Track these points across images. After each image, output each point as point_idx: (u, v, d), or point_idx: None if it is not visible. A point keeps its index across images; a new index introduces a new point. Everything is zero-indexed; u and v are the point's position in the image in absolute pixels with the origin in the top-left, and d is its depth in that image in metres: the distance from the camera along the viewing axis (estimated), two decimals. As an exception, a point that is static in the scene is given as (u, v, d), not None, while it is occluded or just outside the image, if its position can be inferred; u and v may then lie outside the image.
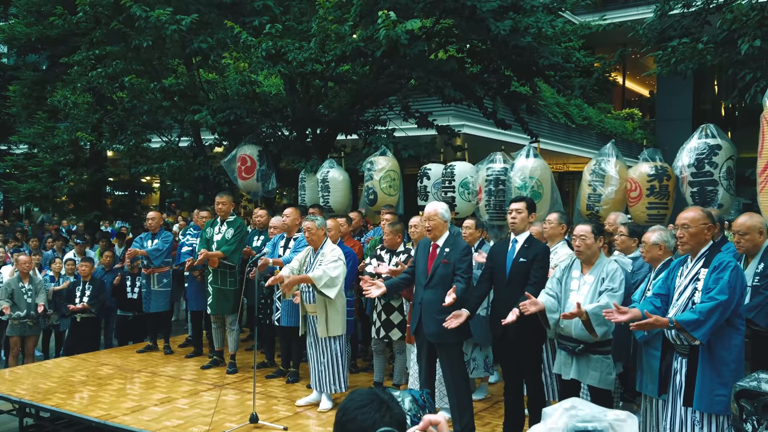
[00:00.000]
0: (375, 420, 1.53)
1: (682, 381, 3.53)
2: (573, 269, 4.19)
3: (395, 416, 1.56)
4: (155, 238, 7.09)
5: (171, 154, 10.25)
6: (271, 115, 9.15)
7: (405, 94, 9.05)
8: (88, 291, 7.29)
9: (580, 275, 4.13)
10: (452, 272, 4.51)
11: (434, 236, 4.64)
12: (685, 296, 3.55)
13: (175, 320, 9.46)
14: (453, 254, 4.55)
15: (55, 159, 12.03)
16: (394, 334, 5.50)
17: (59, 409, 5.23)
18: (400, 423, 1.56)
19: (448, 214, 4.71)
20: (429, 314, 4.56)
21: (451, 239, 4.65)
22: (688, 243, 3.59)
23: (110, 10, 8.62)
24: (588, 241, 4.06)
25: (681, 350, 3.57)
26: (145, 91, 9.39)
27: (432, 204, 4.74)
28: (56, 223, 15.77)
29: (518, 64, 8.55)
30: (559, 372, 4.21)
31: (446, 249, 4.60)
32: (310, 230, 5.23)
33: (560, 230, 5.04)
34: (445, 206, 4.73)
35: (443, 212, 4.65)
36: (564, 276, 4.20)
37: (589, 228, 4.10)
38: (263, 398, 5.39)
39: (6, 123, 14.94)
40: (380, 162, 7.42)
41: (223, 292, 6.35)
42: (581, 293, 4.06)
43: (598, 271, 4.06)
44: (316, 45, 7.24)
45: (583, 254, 4.11)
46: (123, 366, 6.57)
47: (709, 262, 3.50)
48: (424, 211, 4.81)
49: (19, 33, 13.31)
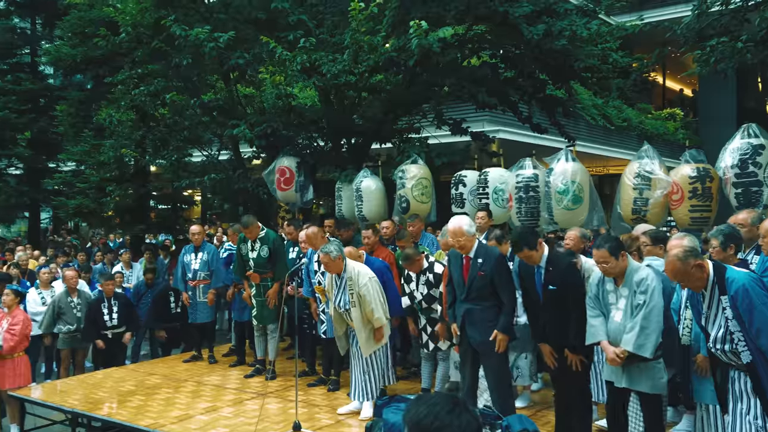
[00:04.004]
0: (470, 421, 1.56)
1: (742, 389, 3.41)
2: (606, 282, 4.06)
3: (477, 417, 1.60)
4: (198, 251, 7.27)
5: (211, 167, 10.48)
6: (307, 126, 9.29)
7: (438, 102, 9.08)
8: (115, 308, 7.40)
9: (615, 288, 4.01)
10: (490, 283, 4.52)
11: (466, 251, 4.65)
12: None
13: (218, 329, 9.67)
14: (488, 265, 4.55)
15: (102, 175, 12.38)
16: (443, 345, 5.53)
17: (110, 418, 5.39)
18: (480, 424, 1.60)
19: (473, 227, 4.67)
20: (472, 325, 4.61)
21: (483, 249, 4.65)
22: None
23: (151, 30, 8.93)
24: (610, 264, 3.90)
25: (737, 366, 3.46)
26: (186, 108, 9.64)
27: (454, 221, 4.68)
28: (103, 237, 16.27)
29: (553, 68, 8.49)
30: (610, 379, 4.11)
31: (479, 260, 4.60)
32: (327, 264, 5.17)
33: (582, 245, 4.98)
34: (467, 220, 4.68)
35: (468, 227, 4.61)
36: (599, 291, 4.09)
37: (606, 252, 3.89)
38: (305, 406, 5.46)
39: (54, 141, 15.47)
40: (412, 170, 7.45)
41: (266, 303, 6.51)
42: (620, 306, 3.97)
43: (630, 281, 3.93)
44: (350, 57, 7.33)
45: (611, 274, 3.98)
46: (170, 375, 6.74)
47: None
48: (448, 226, 4.77)
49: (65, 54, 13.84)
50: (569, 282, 4.28)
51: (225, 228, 10.99)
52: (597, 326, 4.02)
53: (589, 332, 4.08)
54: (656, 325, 3.77)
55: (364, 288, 5.03)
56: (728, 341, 3.31)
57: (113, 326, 7.33)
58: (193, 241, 7.33)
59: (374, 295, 5.06)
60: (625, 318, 3.89)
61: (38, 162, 15.91)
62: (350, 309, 5.12)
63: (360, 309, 5.07)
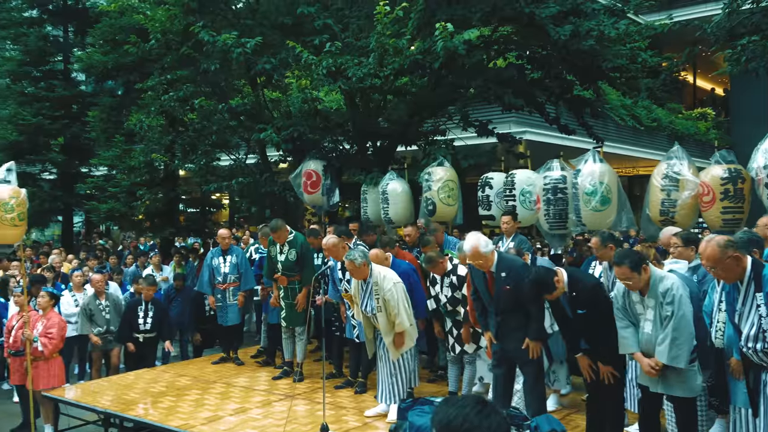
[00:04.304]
0: (499, 422, 1.56)
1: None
2: (631, 293, 4.02)
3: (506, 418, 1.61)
4: (227, 255, 7.35)
5: (239, 171, 10.60)
6: (333, 130, 9.34)
7: (464, 104, 9.05)
8: (150, 312, 7.51)
9: (641, 298, 3.98)
10: (517, 296, 4.50)
11: (486, 268, 4.63)
12: None
13: (246, 331, 9.77)
14: (512, 278, 4.53)
15: (132, 180, 12.59)
16: (469, 348, 5.52)
17: (141, 419, 5.49)
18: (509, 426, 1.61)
19: (489, 245, 4.60)
20: (507, 335, 4.63)
21: (504, 262, 4.62)
22: None
23: (180, 37, 9.08)
24: (633, 280, 3.87)
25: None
26: (214, 112, 9.77)
27: (469, 242, 4.60)
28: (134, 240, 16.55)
29: (580, 68, 8.41)
30: (645, 384, 4.08)
31: (502, 273, 4.58)
32: (352, 271, 5.19)
33: (610, 252, 4.87)
34: (482, 240, 4.59)
35: (484, 248, 4.55)
36: (625, 302, 4.06)
37: (627, 268, 3.85)
38: (333, 408, 5.48)
39: (87, 147, 15.79)
40: (438, 172, 7.43)
41: (295, 306, 6.57)
42: (649, 317, 3.94)
43: (655, 292, 3.89)
44: (375, 60, 7.36)
45: (636, 288, 3.95)
46: (199, 377, 6.83)
47: None
48: (464, 248, 4.69)
49: (96, 61, 14.13)
50: (597, 302, 4.25)
51: (253, 231, 11.10)
52: (628, 337, 4.01)
53: (621, 343, 4.07)
54: (687, 334, 3.75)
55: (388, 293, 5.04)
56: (761, 339, 3.27)
57: (146, 330, 7.45)
58: (222, 245, 7.41)
59: (398, 300, 5.06)
60: (656, 328, 3.87)
61: (71, 167, 16.25)
62: (377, 314, 5.14)
63: (386, 313, 5.09)
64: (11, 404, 7.61)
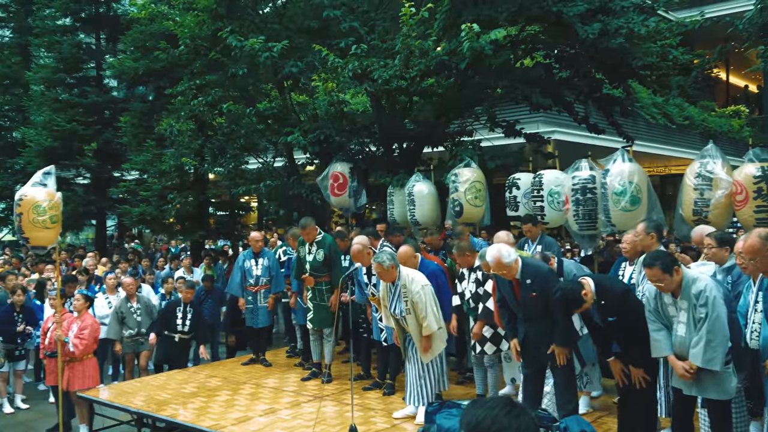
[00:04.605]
0: (528, 423, 1.56)
1: None
2: (663, 295, 3.96)
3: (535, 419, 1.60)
4: (259, 257, 7.43)
5: (267, 174, 10.70)
6: (359, 132, 9.37)
7: (491, 104, 9.00)
8: (189, 315, 7.62)
9: (673, 300, 3.91)
10: (544, 302, 4.47)
11: (511, 276, 4.59)
12: None
13: (276, 332, 9.86)
14: (538, 285, 4.49)
15: (163, 183, 12.78)
16: (489, 349, 5.49)
17: (173, 419, 5.57)
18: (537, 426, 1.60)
19: (511, 254, 4.56)
20: (537, 342, 4.60)
21: (529, 268, 4.57)
22: None
23: (208, 42, 9.21)
24: (665, 282, 3.82)
25: None
26: (242, 116, 9.88)
27: (491, 254, 4.56)
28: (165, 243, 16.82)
29: (610, 67, 8.30)
30: (679, 387, 4.02)
31: (527, 281, 4.54)
32: (380, 274, 5.19)
33: (651, 240, 4.80)
34: (504, 250, 4.56)
35: (506, 258, 4.51)
36: (657, 305, 4.00)
37: (659, 270, 3.80)
38: (361, 410, 5.50)
39: (119, 152, 16.08)
40: (465, 174, 7.40)
41: (323, 308, 6.61)
42: (682, 319, 3.89)
43: (688, 293, 3.83)
44: (401, 62, 7.36)
45: (668, 290, 3.90)
46: (229, 378, 6.91)
47: None
48: (487, 258, 4.65)
49: (128, 68, 14.39)
50: (627, 309, 4.18)
51: (280, 234, 11.19)
52: (661, 340, 3.96)
53: (653, 346, 4.01)
54: (722, 336, 3.70)
55: (417, 295, 5.04)
56: None
57: (182, 331, 7.57)
58: (254, 247, 7.47)
59: (427, 302, 5.05)
60: (689, 331, 3.81)
61: (104, 172, 16.56)
62: (406, 316, 5.13)
63: (415, 316, 5.08)
64: (47, 404, 7.79)
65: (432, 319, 5.04)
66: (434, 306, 5.12)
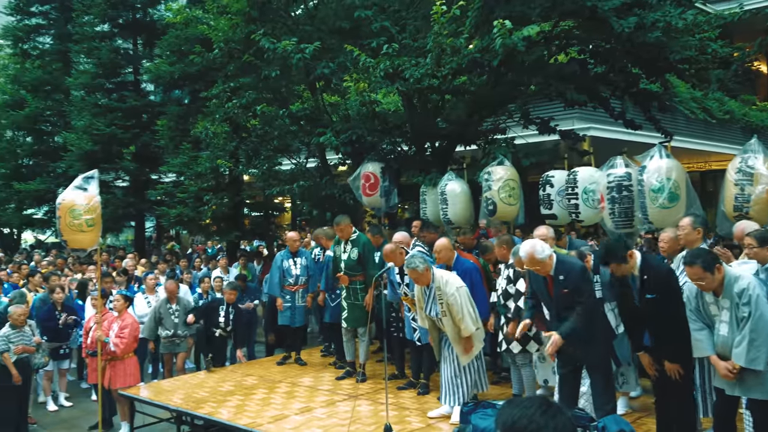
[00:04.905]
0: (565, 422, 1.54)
1: None
2: (704, 295, 3.89)
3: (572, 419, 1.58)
4: (296, 257, 7.49)
5: (300, 175, 10.79)
6: (391, 131, 9.37)
7: (525, 101, 8.89)
8: (231, 315, 7.73)
9: (715, 299, 3.83)
10: (575, 299, 4.42)
11: (545, 273, 4.54)
12: None
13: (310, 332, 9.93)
14: (570, 281, 4.43)
15: (199, 185, 13.00)
16: (514, 348, 5.45)
17: (212, 417, 5.65)
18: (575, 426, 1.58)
19: (546, 250, 4.50)
20: (571, 340, 4.51)
21: (563, 265, 4.51)
22: None
23: (242, 45, 9.32)
24: (706, 280, 3.75)
25: None
26: (275, 118, 9.98)
27: (524, 249, 4.52)
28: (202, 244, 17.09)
29: (646, 61, 8.12)
30: (721, 387, 3.93)
31: (560, 277, 4.48)
32: (416, 279, 5.17)
33: (696, 235, 4.70)
34: (538, 246, 4.50)
35: (540, 253, 4.45)
36: (698, 304, 3.92)
37: (700, 268, 3.73)
38: (396, 409, 5.50)
39: (156, 155, 16.41)
40: (498, 172, 7.33)
41: (357, 307, 6.64)
42: (724, 318, 3.81)
43: (730, 292, 3.74)
44: (432, 60, 7.33)
45: (709, 289, 3.82)
46: (265, 377, 6.98)
47: None
48: (521, 252, 4.61)
49: (164, 72, 14.70)
50: (669, 289, 4.12)
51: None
52: (703, 340, 3.88)
53: (695, 346, 3.94)
54: (765, 336, 3.62)
55: (452, 298, 5.02)
56: None
57: (223, 329, 7.68)
58: (291, 247, 7.53)
59: (462, 304, 5.03)
60: (732, 330, 3.73)
61: (142, 174, 16.93)
62: (441, 318, 5.12)
63: (450, 318, 5.07)
64: (90, 402, 8.00)
65: (469, 320, 5.01)
66: (470, 307, 5.09)
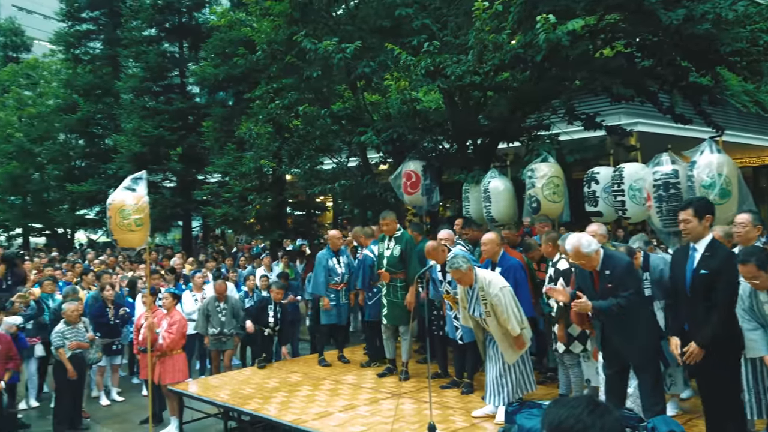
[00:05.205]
0: (613, 422, 1.53)
1: None
2: (758, 293, 3.79)
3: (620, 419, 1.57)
4: (339, 256, 7.55)
5: (341, 174, 10.86)
6: (432, 129, 9.34)
7: (569, 96, 8.74)
8: (278, 314, 7.82)
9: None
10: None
11: (591, 267, 4.45)
12: None
13: (353, 330, 9.99)
14: (615, 277, 4.34)
15: (244, 185, 13.22)
16: (574, 347, 5.35)
17: (258, 413, 5.75)
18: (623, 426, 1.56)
19: (592, 244, 4.41)
20: (615, 337, 4.45)
21: (609, 260, 4.42)
22: None
23: (284, 46, 9.44)
24: (760, 279, 3.68)
25: None
26: (317, 118, 10.07)
27: (570, 242, 4.44)
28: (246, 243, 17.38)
29: (696, 54, 7.88)
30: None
31: (606, 271, 4.39)
32: (459, 279, 5.16)
33: (755, 233, 4.53)
34: (585, 239, 4.42)
35: (586, 247, 4.37)
36: (752, 303, 3.81)
37: (753, 267, 3.67)
38: (439, 408, 5.49)
39: (202, 156, 16.78)
40: (542, 169, 7.22)
41: (397, 305, 6.64)
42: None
43: None
44: (474, 57, 7.27)
45: (763, 287, 3.74)
46: (309, 374, 7.06)
47: None
48: (566, 245, 4.55)
49: (209, 74, 15.00)
50: (724, 269, 3.97)
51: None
52: (757, 340, 3.79)
53: (749, 347, 3.85)
54: None
55: (495, 298, 4.98)
56: None
57: (272, 327, 7.81)
58: (334, 246, 7.57)
59: (506, 305, 4.98)
60: None
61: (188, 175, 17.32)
62: (485, 318, 5.08)
63: (495, 318, 5.03)
64: (141, 397, 8.23)
65: (514, 321, 4.96)
66: (515, 307, 5.04)
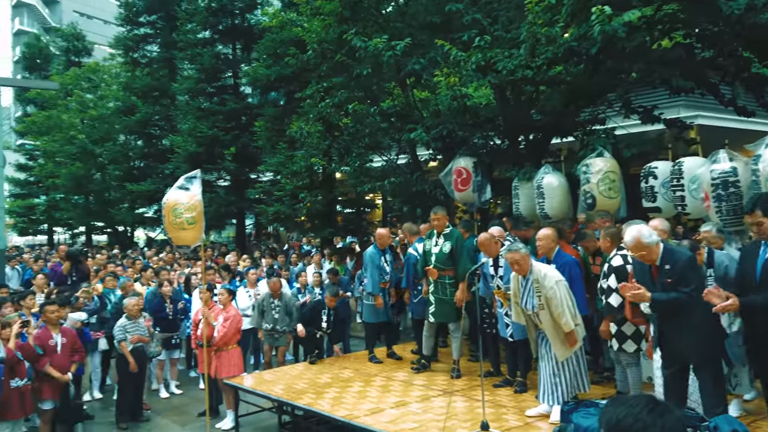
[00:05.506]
0: (673, 422, 1.50)
1: None
2: None
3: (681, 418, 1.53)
4: (385, 254, 7.57)
5: (391, 171, 10.88)
6: (483, 125, 9.24)
7: (626, 89, 8.51)
8: (331, 318, 7.85)
9: None
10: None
11: (651, 261, 4.31)
12: None
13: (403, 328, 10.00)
14: (675, 272, 4.20)
15: (295, 183, 13.41)
16: (628, 346, 5.21)
17: (311, 408, 5.82)
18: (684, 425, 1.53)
19: (653, 235, 4.26)
20: (674, 335, 4.31)
21: (670, 254, 4.27)
22: None
23: (334, 45, 9.53)
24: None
25: None
26: (366, 116, 10.11)
27: (630, 233, 4.31)
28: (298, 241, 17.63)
29: (758, 44, 7.54)
30: None
31: (666, 266, 4.25)
32: (516, 262, 5.07)
33: None
34: (645, 230, 4.29)
35: (647, 238, 4.23)
36: None
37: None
38: (492, 407, 5.43)
39: (254, 155, 17.10)
40: (597, 164, 7.05)
41: (445, 302, 6.60)
42: None
43: None
44: (526, 51, 7.16)
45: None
46: (361, 370, 7.10)
47: None
48: (626, 236, 4.41)
49: (261, 75, 15.27)
50: None
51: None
52: None
53: None
54: None
55: (551, 291, 4.90)
56: None
57: (324, 330, 7.89)
58: (382, 244, 7.56)
59: (561, 298, 4.89)
60: None
61: (242, 174, 17.69)
62: (538, 312, 5.01)
63: (548, 312, 4.94)
64: (198, 390, 8.46)
65: (568, 316, 4.87)
66: (570, 302, 4.95)
